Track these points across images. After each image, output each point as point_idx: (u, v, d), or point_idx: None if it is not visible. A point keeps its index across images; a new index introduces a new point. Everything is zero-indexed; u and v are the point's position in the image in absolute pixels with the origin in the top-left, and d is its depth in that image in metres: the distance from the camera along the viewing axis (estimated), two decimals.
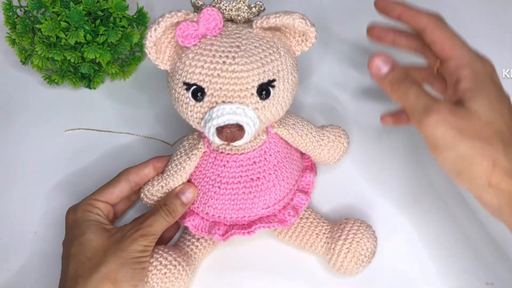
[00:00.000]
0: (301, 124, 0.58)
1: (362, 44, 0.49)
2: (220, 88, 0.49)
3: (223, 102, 0.49)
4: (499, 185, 0.46)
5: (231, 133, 0.48)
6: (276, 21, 0.49)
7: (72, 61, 0.66)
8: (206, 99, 0.49)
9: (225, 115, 0.48)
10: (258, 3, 0.51)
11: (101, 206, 0.57)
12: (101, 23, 0.66)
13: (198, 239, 0.59)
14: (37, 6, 0.65)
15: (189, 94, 0.50)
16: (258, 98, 0.50)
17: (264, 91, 0.50)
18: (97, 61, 0.68)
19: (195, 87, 0.49)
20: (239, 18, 0.51)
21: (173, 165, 0.57)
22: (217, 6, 0.50)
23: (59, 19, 0.64)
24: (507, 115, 0.48)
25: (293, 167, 0.58)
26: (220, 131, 0.48)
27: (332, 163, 0.62)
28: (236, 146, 0.54)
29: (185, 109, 0.51)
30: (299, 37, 0.52)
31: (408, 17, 0.54)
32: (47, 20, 0.64)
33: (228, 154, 0.55)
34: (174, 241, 0.61)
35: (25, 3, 0.67)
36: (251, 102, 0.49)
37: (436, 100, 0.47)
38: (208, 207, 0.56)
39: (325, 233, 0.59)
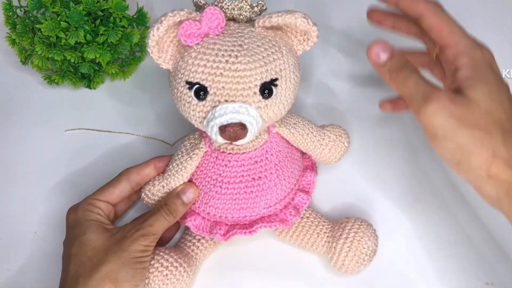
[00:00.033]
0: (302, 123, 0.58)
1: (364, 44, 0.49)
2: (223, 87, 0.49)
3: (226, 101, 0.49)
4: (498, 176, 0.45)
5: (234, 132, 0.48)
6: (278, 20, 0.49)
7: (72, 61, 0.66)
8: (208, 98, 0.49)
9: (228, 114, 0.48)
10: (260, 2, 0.51)
11: (102, 205, 0.57)
12: (101, 23, 0.66)
13: (199, 240, 0.59)
14: (37, 6, 0.65)
15: (192, 93, 0.50)
16: (260, 97, 0.50)
17: (266, 90, 0.50)
18: (97, 61, 0.68)
19: (197, 86, 0.49)
20: (241, 17, 0.51)
21: (174, 164, 0.57)
22: (219, 5, 0.50)
23: (59, 19, 0.64)
24: (506, 104, 0.47)
25: (294, 166, 0.58)
26: (223, 130, 0.48)
27: (332, 163, 0.62)
28: (237, 145, 0.54)
29: (188, 108, 0.51)
30: (300, 36, 0.52)
31: (405, 3, 0.53)
32: (47, 20, 0.64)
33: (229, 153, 0.55)
34: (174, 241, 0.61)
35: (25, 3, 0.67)
36: (253, 101, 0.49)
37: (435, 88, 0.47)
38: (209, 207, 0.56)
39: (326, 232, 0.59)
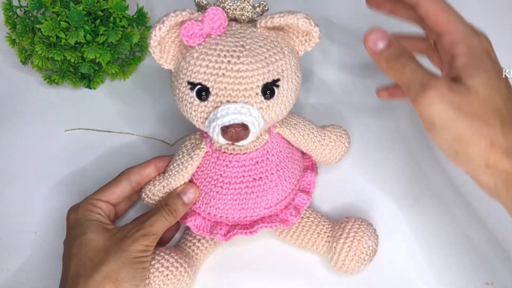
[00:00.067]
0: (302, 124, 0.58)
1: (365, 43, 0.49)
2: (225, 87, 0.49)
3: (228, 101, 0.49)
4: (496, 166, 0.45)
5: (236, 132, 0.48)
6: (280, 20, 0.49)
7: (72, 61, 0.66)
8: (210, 98, 0.49)
9: (230, 115, 0.48)
10: (262, 2, 0.51)
11: (102, 205, 0.57)
12: (101, 23, 0.66)
13: (199, 240, 0.59)
14: (37, 6, 0.65)
15: (194, 93, 0.50)
16: (262, 97, 0.50)
17: (268, 90, 0.50)
18: (97, 61, 0.68)
19: (199, 86, 0.49)
20: (243, 17, 0.51)
21: (175, 165, 0.57)
22: (221, 5, 0.50)
23: (59, 19, 0.64)
24: (505, 93, 0.46)
25: (295, 167, 0.58)
26: (225, 130, 0.48)
27: (333, 163, 0.62)
28: (238, 146, 0.54)
29: (189, 108, 0.51)
30: (302, 37, 0.52)
31: None
32: (47, 20, 0.64)
33: (230, 154, 0.55)
34: (175, 241, 0.61)
35: (25, 3, 0.67)
36: (255, 101, 0.49)
37: (433, 76, 0.46)
38: (210, 207, 0.56)
39: (326, 232, 0.59)
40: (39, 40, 0.65)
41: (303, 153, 0.61)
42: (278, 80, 0.50)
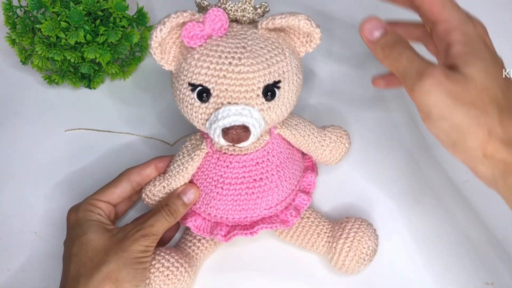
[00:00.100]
0: (303, 124, 0.58)
1: (365, 46, 0.49)
2: (226, 89, 0.49)
3: (229, 103, 0.49)
4: (494, 156, 0.44)
5: (237, 134, 0.48)
6: (281, 22, 0.49)
7: (72, 61, 0.66)
8: (211, 100, 0.49)
9: (231, 116, 0.48)
10: (263, 3, 0.51)
11: (102, 206, 0.57)
12: (101, 23, 0.66)
13: (199, 240, 0.59)
14: (37, 6, 0.65)
15: (194, 95, 0.50)
16: (263, 99, 0.50)
17: (269, 92, 0.50)
18: (97, 61, 0.68)
19: (200, 88, 0.49)
20: (244, 18, 0.51)
21: (175, 165, 0.57)
22: (222, 6, 0.50)
23: (59, 19, 0.64)
24: (502, 81, 0.45)
25: (295, 167, 0.58)
26: (226, 132, 0.48)
27: (333, 164, 0.62)
28: (239, 147, 0.54)
29: (190, 110, 0.51)
30: (303, 38, 0.52)
31: None
32: (47, 20, 0.63)
33: (231, 154, 0.55)
34: (175, 241, 0.61)
35: (25, 3, 0.67)
36: (256, 103, 0.49)
37: (430, 64, 0.45)
38: (210, 207, 0.56)
39: (326, 232, 0.59)
40: (39, 40, 0.65)
41: (304, 154, 0.61)
42: (279, 81, 0.50)
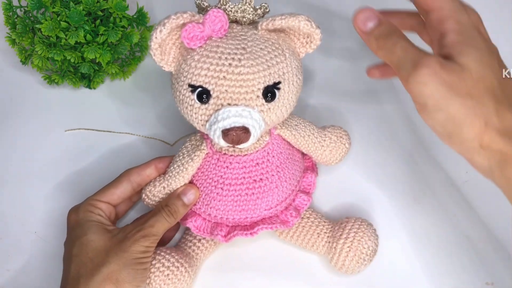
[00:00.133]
0: (303, 125, 0.58)
1: (365, 45, 0.48)
2: (226, 90, 0.49)
3: (229, 104, 0.49)
4: (490, 146, 0.43)
5: (237, 136, 0.48)
6: (281, 23, 0.49)
7: (72, 61, 0.66)
8: (211, 101, 0.49)
9: (231, 118, 0.48)
10: (263, 4, 0.51)
11: (102, 206, 0.57)
12: (101, 23, 0.66)
13: (199, 240, 0.59)
14: (37, 6, 0.65)
15: (194, 96, 0.50)
16: (263, 100, 0.50)
17: (269, 93, 0.50)
18: (97, 61, 0.68)
19: (200, 89, 0.49)
20: (244, 19, 0.51)
21: (175, 166, 0.57)
22: (222, 7, 0.50)
23: (59, 19, 0.64)
24: (497, 69, 0.45)
25: (295, 168, 0.58)
26: (226, 133, 0.48)
27: (333, 164, 0.62)
28: (239, 148, 0.54)
29: (190, 111, 0.51)
30: (303, 39, 0.52)
31: None
32: (47, 20, 0.63)
33: (231, 155, 0.55)
34: (175, 241, 0.61)
35: (25, 3, 0.67)
36: (256, 104, 0.49)
37: (425, 53, 0.44)
38: (210, 208, 0.56)
39: (326, 233, 0.59)
40: (39, 40, 0.65)
41: (304, 154, 0.61)
42: (279, 82, 0.50)
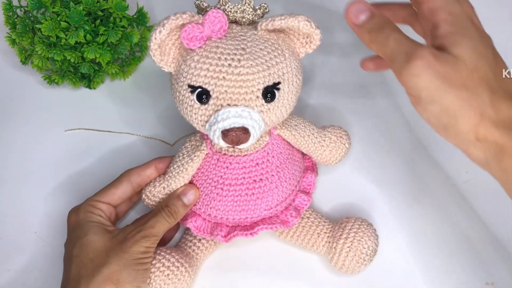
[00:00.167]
0: (303, 125, 0.58)
1: (365, 45, 0.48)
2: (225, 91, 0.49)
3: (228, 105, 0.49)
4: (486, 138, 0.42)
5: (236, 136, 0.48)
6: (281, 23, 0.49)
7: (72, 61, 0.66)
8: (211, 102, 0.49)
9: (231, 118, 0.48)
10: (262, 5, 0.51)
11: (103, 207, 0.57)
12: (101, 23, 0.66)
13: (199, 240, 0.59)
14: (37, 6, 0.65)
15: (194, 96, 0.50)
16: (263, 101, 0.50)
17: (269, 93, 0.50)
18: (97, 61, 0.68)
19: (200, 89, 0.49)
20: (244, 20, 0.51)
21: (175, 166, 0.57)
22: (222, 8, 0.50)
23: (59, 19, 0.64)
24: (492, 60, 0.44)
25: (295, 168, 0.58)
26: (225, 134, 0.48)
27: (333, 164, 0.62)
28: (240, 148, 0.54)
29: (190, 111, 0.51)
30: (303, 39, 0.52)
31: None
32: (47, 20, 0.63)
33: (231, 155, 0.55)
34: (175, 241, 0.61)
35: (25, 3, 0.67)
36: (256, 105, 0.49)
37: (418, 45, 0.43)
38: (210, 208, 0.56)
39: (326, 233, 0.59)
40: (39, 40, 0.65)
41: (303, 154, 0.61)
42: (278, 83, 0.50)
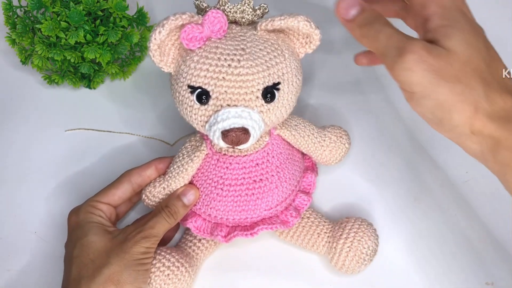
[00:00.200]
0: (303, 125, 0.58)
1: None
2: (225, 91, 0.49)
3: (228, 105, 0.49)
4: (482, 131, 0.42)
5: (236, 136, 0.48)
6: (281, 23, 0.49)
7: (72, 61, 0.66)
8: (211, 102, 0.49)
9: (231, 119, 0.48)
10: (262, 5, 0.51)
11: (103, 208, 0.57)
12: (101, 23, 0.66)
13: (199, 240, 0.59)
14: (37, 6, 0.65)
15: (194, 97, 0.50)
16: (263, 101, 0.50)
17: (269, 94, 0.50)
18: (97, 61, 0.68)
19: (200, 90, 0.49)
20: (244, 20, 0.51)
21: (175, 166, 0.57)
22: (221, 8, 0.50)
23: (59, 19, 0.64)
24: (484, 51, 0.44)
25: (295, 168, 0.58)
26: (225, 134, 0.48)
27: (333, 164, 0.62)
28: (240, 148, 0.54)
29: (189, 112, 0.51)
30: (303, 39, 0.52)
31: None
32: (47, 20, 0.63)
33: (231, 156, 0.55)
34: (175, 241, 0.61)
35: (25, 3, 0.67)
36: (256, 105, 0.49)
37: (410, 39, 0.43)
38: (210, 208, 0.56)
39: (326, 232, 0.59)
40: (39, 40, 0.65)
41: (303, 154, 0.61)
42: (278, 83, 0.50)
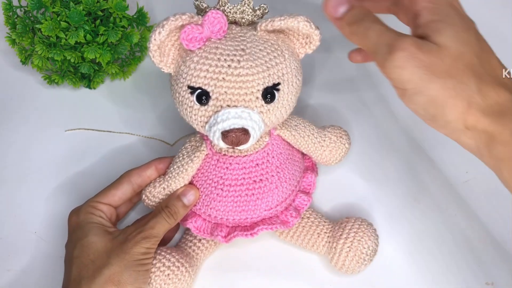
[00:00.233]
0: (303, 125, 0.58)
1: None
2: (225, 92, 0.48)
3: (228, 106, 0.49)
4: (476, 126, 0.42)
5: (236, 137, 0.48)
6: (281, 24, 0.49)
7: (72, 61, 0.66)
8: (211, 103, 0.49)
9: (231, 119, 0.48)
10: (262, 5, 0.51)
11: (103, 208, 0.57)
12: (101, 23, 0.66)
13: (199, 240, 0.59)
14: (37, 6, 0.65)
15: (194, 97, 0.50)
16: (263, 101, 0.50)
17: (269, 94, 0.50)
18: (97, 61, 0.68)
19: (200, 90, 0.49)
20: (243, 20, 0.51)
21: (175, 167, 0.57)
22: (221, 8, 0.50)
23: (59, 19, 0.64)
24: (476, 45, 0.43)
25: (295, 168, 0.58)
26: (225, 135, 0.48)
27: (333, 164, 0.62)
28: (239, 149, 0.54)
29: (189, 112, 0.51)
30: (303, 39, 0.52)
31: None
32: (47, 20, 0.63)
33: (231, 156, 0.55)
34: (175, 241, 0.61)
35: (25, 3, 0.67)
36: (256, 105, 0.49)
37: (400, 35, 0.42)
38: (210, 209, 0.56)
39: (326, 232, 0.59)
40: (39, 40, 0.65)
41: (303, 154, 0.61)
42: (278, 84, 0.50)
